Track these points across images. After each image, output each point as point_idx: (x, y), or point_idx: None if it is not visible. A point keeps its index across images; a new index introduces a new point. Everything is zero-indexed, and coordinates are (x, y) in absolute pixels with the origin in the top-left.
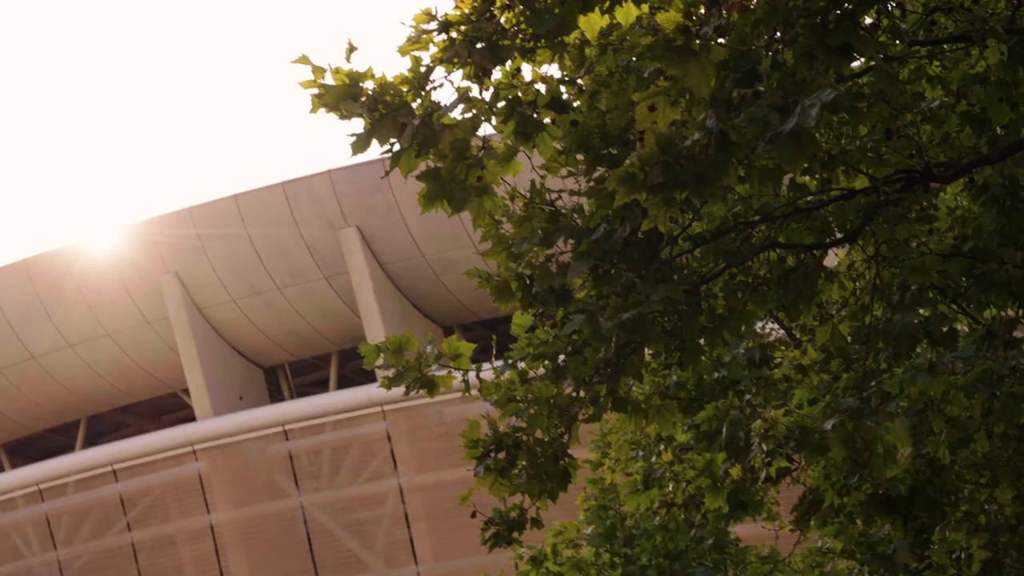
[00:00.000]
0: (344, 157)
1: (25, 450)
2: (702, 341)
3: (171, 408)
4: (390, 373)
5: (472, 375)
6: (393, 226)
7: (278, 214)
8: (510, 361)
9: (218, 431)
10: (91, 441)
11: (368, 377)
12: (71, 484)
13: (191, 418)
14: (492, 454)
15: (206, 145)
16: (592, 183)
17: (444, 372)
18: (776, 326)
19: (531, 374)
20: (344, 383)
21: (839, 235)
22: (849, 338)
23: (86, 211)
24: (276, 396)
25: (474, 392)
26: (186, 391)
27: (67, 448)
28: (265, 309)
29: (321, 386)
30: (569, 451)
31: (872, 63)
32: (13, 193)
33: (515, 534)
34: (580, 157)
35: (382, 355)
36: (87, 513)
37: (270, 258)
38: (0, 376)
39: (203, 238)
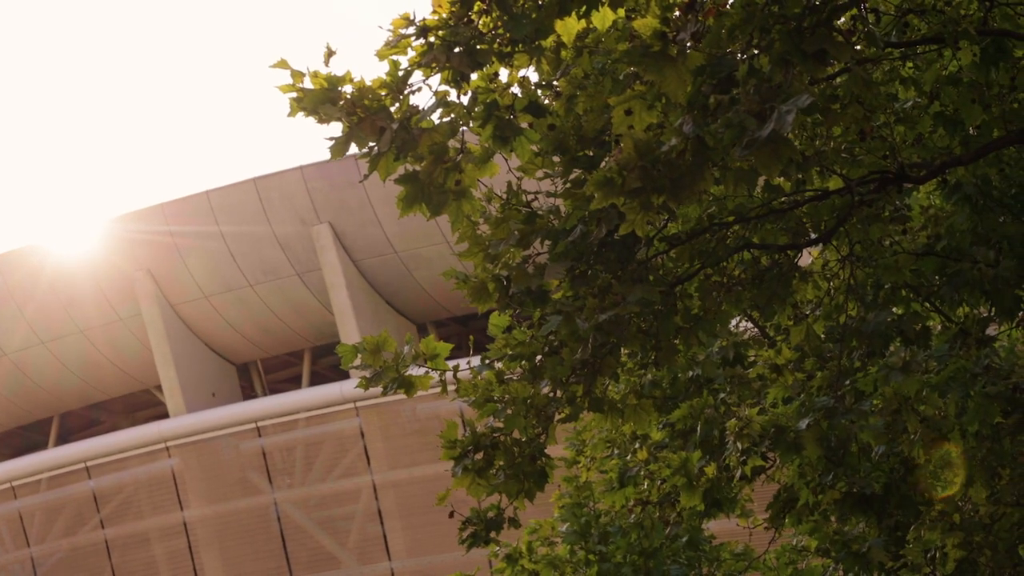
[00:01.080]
0: (316, 153)
1: None
2: (677, 341)
3: (144, 405)
4: (367, 373)
5: (449, 375)
6: (366, 222)
7: (250, 210)
8: (487, 361)
9: (191, 428)
10: (64, 438)
11: (341, 374)
12: (44, 481)
13: (164, 415)
14: (470, 454)
15: (178, 141)
16: (568, 185)
17: (421, 372)
18: (751, 325)
19: (508, 374)
20: (317, 379)
21: (813, 235)
22: (823, 337)
23: (58, 208)
24: (249, 393)
25: (451, 391)
26: (159, 388)
27: (40, 445)
28: (238, 306)
29: (294, 383)
30: (545, 450)
31: (847, 65)
32: None
33: (492, 534)
34: (556, 159)
35: (359, 355)
36: (60, 510)
37: (242, 255)
38: None
39: (175, 235)
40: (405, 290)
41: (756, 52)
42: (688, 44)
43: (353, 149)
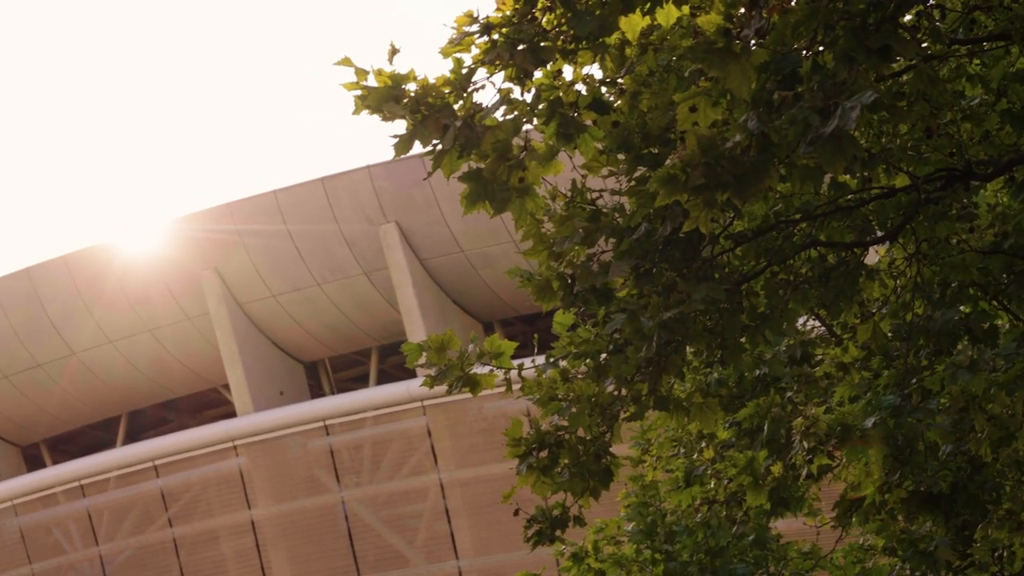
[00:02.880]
0: (383, 153)
1: (66, 446)
2: (744, 339)
3: (211, 404)
4: (432, 371)
5: (514, 373)
6: (432, 221)
7: (318, 210)
8: (552, 360)
9: (259, 426)
10: (132, 437)
11: (408, 372)
12: (112, 480)
13: (232, 414)
14: (534, 452)
15: (246, 141)
16: (633, 182)
17: (486, 370)
18: (817, 323)
19: (573, 373)
20: (384, 378)
21: (880, 233)
22: (890, 335)
23: (126, 207)
24: (317, 391)
25: (516, 389)
26: (226, 386)
27: (108, 444)
28: (305, 305)
29: (361, 381)
30: (611, 449)
31: (912, 62)
32: (53, 189)
33: (558, 532)
34: (621, 156)
35: (424, 354)
36: (128, 509)
37: (310, 254)
38: (41, 372)
39: (243, 234)
40: (471, 289)
41: (820, 48)
42: (752, 41)
43: (417, 147)
